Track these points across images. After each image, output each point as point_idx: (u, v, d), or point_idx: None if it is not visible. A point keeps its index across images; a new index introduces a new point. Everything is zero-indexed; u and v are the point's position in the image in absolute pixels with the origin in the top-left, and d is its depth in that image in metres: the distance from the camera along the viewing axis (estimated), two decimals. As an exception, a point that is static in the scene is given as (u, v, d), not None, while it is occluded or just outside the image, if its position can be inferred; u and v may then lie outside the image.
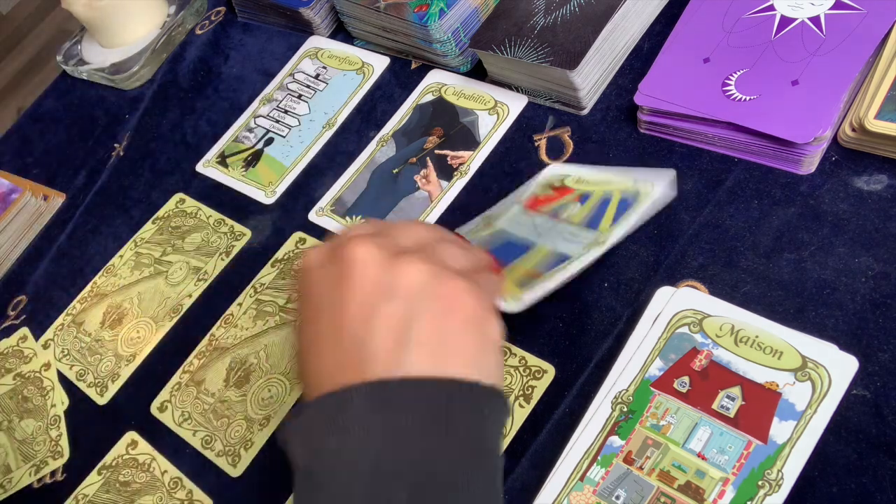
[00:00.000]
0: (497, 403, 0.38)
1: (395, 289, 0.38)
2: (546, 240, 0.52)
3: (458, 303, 0.38)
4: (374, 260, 0.38)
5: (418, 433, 0.36)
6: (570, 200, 0.55)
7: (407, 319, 0.37)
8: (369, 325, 0.37)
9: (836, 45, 0.54)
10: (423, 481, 0.35)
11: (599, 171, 0.57)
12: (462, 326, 0.38)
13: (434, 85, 0.71)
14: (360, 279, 0.38)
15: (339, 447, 0.36)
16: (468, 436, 0.37)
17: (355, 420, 0.36)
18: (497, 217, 0.57)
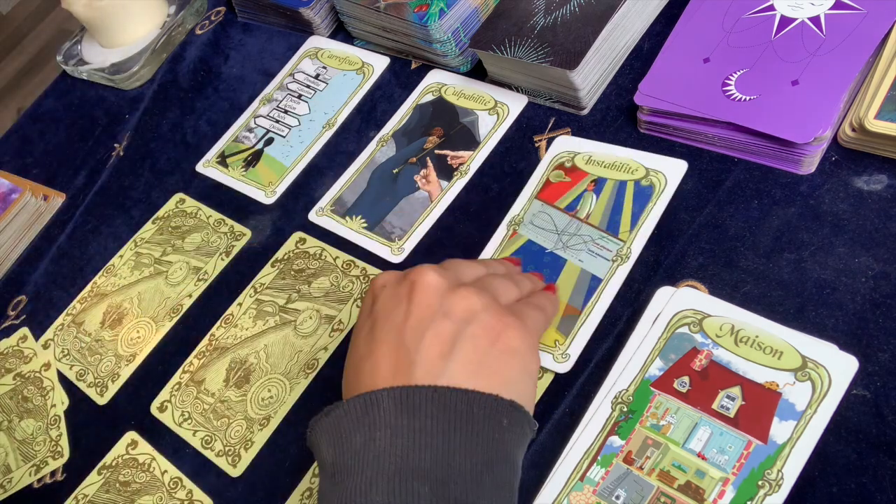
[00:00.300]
0: (517, 417, 0.42)
1: (450, 313, 0.43)
2: (573, 254, 0.56)
3: (502, 335, 0.43)
4: (436, 286, 0.44)
5: (441, 434, 0.39)
6: (585, 189, 0.57)
7: (454, 338, 0.42)
8: (422, 337, 0.42)
9: (835, 45, 0.54)
10: (444, 477, 0.38)
11: (609, 148, 0.59)
12: (501, 354, 0.43)
13: (434, 85, 0.71)
14: (422, 300, 0.44)
15: (366, 444, 0.40)
16: (488, 440, 0.40)
17: (383, 420, 0.40)
18: (519, 221, 0.59)
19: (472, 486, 0.39)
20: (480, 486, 0.39)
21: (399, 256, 0.63)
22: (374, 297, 0.46)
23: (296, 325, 0.63)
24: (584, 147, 0.61)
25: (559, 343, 0.53)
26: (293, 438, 0.58)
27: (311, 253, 0.66)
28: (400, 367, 0.42)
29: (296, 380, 0.60)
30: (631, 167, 0.58)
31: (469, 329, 0.43)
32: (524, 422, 0.42)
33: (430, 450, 0.39)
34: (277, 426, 0.59)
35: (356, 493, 0.38)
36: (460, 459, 0.39)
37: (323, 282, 0.64)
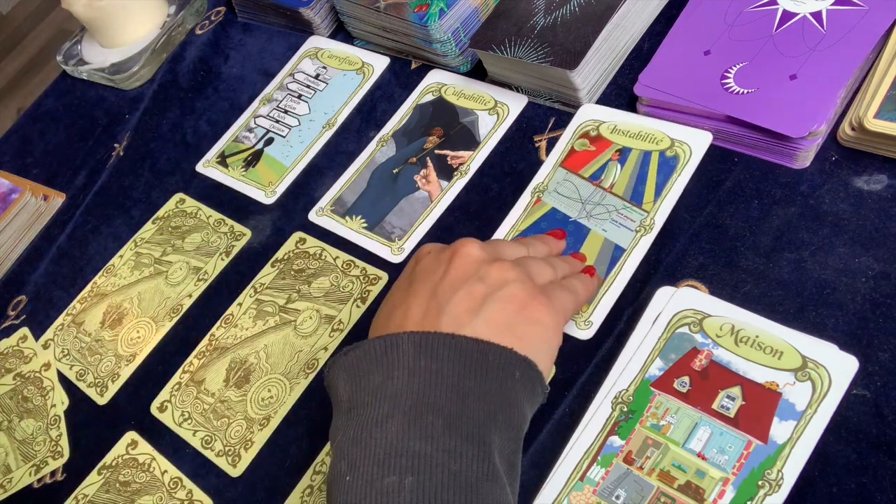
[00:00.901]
0: (530, 373, 0.44)
1: (485, 278, 0.46)
2: (597, 223, 0.57)
3: (529, 306, 0.46)
4: (476, 256, 0.47)
5: (456, 377, 0.42)
6: (609, 158, 0.58)
7: (484, 299, 0.45)
8: (454, 294, 0.45)
9: (835, 41, 0.54)
10: (457, 413, 0.41)
11: (634, 118, 0.60)
12: (526, 322, 0.45)
13: (434, 85, 0.71)
14: (462, 264, 0.47)
15: (384, 381, 0.42)
16: (500, 387, 0.43)
17: (401, 361, 0.42)
18: (543, 189, 0.59)
19: (484, 423, 0.41)
20: (491, 424, 0.41)
21: (399, 256, 0.63)
22: (417, 260, 0.50)
23: (296, 325, 0.63)
24: (610, 116, 0.61)
25: (582, 310, 0.54)
26: (293, 438, 0.58)
27: (311, 253, 0.66)
28: (429, 315, 0.45)
29: (296, 380, 0.60)
30: (656, 137, 0.58)
31: (499, 293, 0.45)
32: (536, 380, 0.44)
33: (445, 390, 0.41)
34: (277, 426, 0.59)
35: (373, 424, 0.41)
36: (473, 400, 0.42)
37: (323, 282, 0.64)
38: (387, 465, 0.39)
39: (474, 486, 0.39)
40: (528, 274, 0.47)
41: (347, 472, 0.40)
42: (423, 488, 0.38)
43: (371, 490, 0.39)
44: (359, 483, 0.39)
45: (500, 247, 0.50)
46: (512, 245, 0.51)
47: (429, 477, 0.39)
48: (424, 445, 0.40)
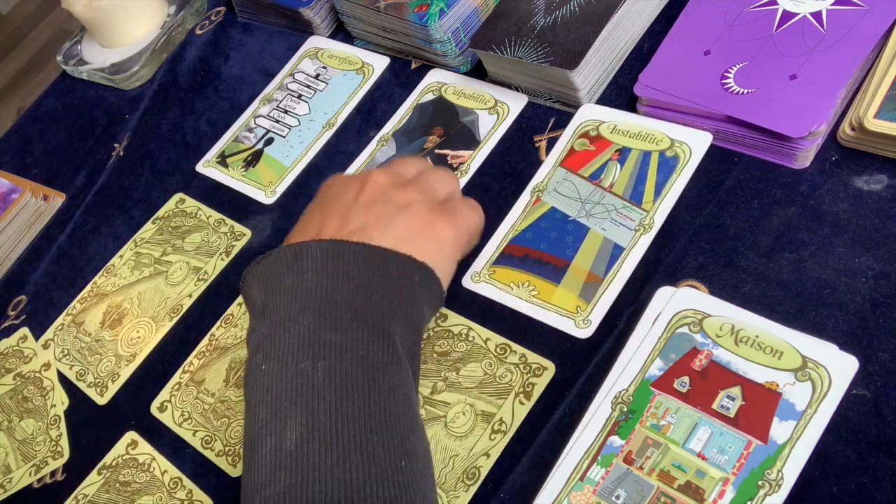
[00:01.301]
0: (428, 277, 0.49)
1: (392, 200, 0.51)
2: (596, 223, 0.57)
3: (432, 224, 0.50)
4: (384, 182, 0.52)
5: (363, 280, 0.46)
6: (609, 158, 0.58)
7: (392, 217, 0.50)
8: (366, 213, 0.50)
9: (835, 41, 0.54)
10: (363, 307, 0.45)
11: (634, 118, 0.60)
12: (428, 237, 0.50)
13: (434, 84, 0.71)
14: (371, 189, 0.52)
15: (295, 284, 0.46)
16: (401, 287, 0.48)
17: (310, 265, 0.46)
18: (543, 188, 0.59)
19: (388, 316, 0.46)
20: (394, 317, 0.46)
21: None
22: (328, 186, 0.54)
23: (296, 325, 0.63)
24: (610, 116, 0.61)
25: (581, 309, 0.54)
26: (293, 438, 0.58)
27: (311, 253, 0.66)
28: (342, 230, 0.49)
29: None
30: (656, 138, 0.58)
31: (405, 212, 0.50)
32: (433, 283, 0.50)
33: (352, 289, 0.46)
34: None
35: (287, 320, 0.45)
36: (377, 297, 0.46)
37: (323, 282, 0.64)
38: (300, 353, 0.43)
39: (380, 368, 0.44)
40: (431, 191, 0.52)
41: (263, 362, 0.45)
42: (334, 370, 0.43)
43: (286, 374, 0.43)
44: (274, 370, 0.44)
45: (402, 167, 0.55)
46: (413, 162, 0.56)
47: (339, 361, 0.43)
48: (335, 335, 0.44)
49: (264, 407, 0.43)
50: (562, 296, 0.55)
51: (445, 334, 0.57)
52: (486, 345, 0.55)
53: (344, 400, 0.42)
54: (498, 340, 0.55)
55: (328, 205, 0.52)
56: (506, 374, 0.54)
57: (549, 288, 0.56)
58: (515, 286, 0.57)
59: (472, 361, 0.55)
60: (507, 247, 0.59)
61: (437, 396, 0.54)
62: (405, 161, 0.56)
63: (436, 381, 0.55)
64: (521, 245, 0.58)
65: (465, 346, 0.56)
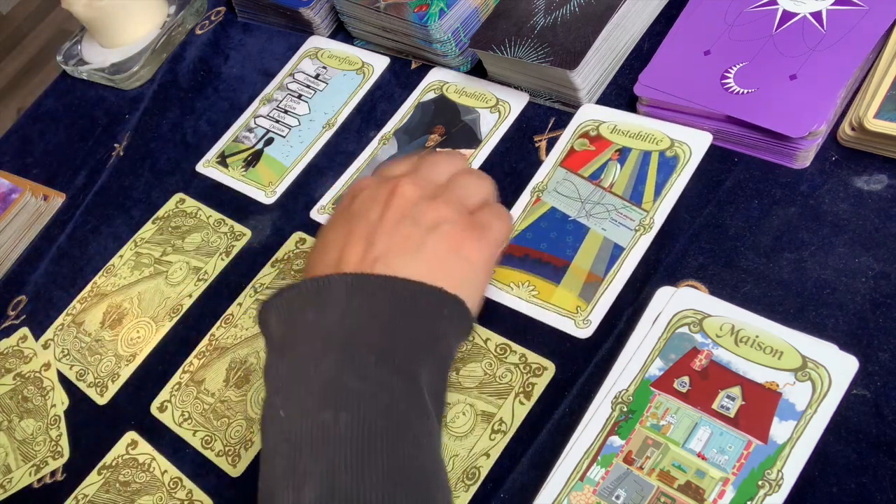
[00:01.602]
0: (458, 310, 0.46)
1: (420, 219, 0.47)
2: (596, 223, 0.57)
3: (462, 246, 0.47)
4: (412, 195, 0.48)
5: (387, 315, 0.44)
6: (609, 158, 0.58)
7: (420, 242, 0.46)
8: (392, 236, 0.47)
9: (835, 41, 0.54)
10: (388, 348, 0.43)
11: (634, 118, 0.60)
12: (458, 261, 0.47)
13: (436, 83, 0.71)
14: (399, 205, 0.48)
15: (317, 320, 0.44)
16: (429, 324, 0.45)
17: (334, 300, 0.44)
18: (543, 188, 0.59)
19: (414, 357, 0.43)
20: (420, 359, 0.44)
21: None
22: (353, 196, 0.50)
23: (296, 325, 0.63)
24: (610, 116, 0.61)
25: (581, 309, 0.54)
26: (293, 438, 0.58)
27: (311, 253, 0.66)
28: (366, 258, 0.46)
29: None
30: (656, 138, 0.58)
31: (433, 235, 0.47)
32: (464, 316, 0.47)
33: (378, 327, 0.43)
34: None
35: (308, 361, 0.42)
36: (403, 337, 0.44)
37: (323, 282, 0.64)
38: (322, 400, 0.41)
39: (405, 417, 0.42)
40: (462, 202, 0.49)
41: (282, 406, 0.42)
42: (357, 422, 0.40)
43: (306, 423, 0.41)
44: (294, 417, 0.41)
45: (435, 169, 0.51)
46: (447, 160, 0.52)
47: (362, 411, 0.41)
48: (357, 380, 0.41)
49: (282, 459, 0.41)
50: (562, 296, 0.55)
51: (445, 334, 0.57)
52: (486, 345, 0.55)
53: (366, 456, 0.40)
54: (498, 340, 0.55)
55: (352, 221, 0.48)
56: (506, 374, 0.54)
57: (549, 288, 0.56)
58: (515, 286, 0.57)
59: (472, 361, 0.55)
60: (507, 247, 0.59)
61: (437, 396, 0.54)
62: (438, 161, 0.52)
63: (436, 381, 0.55)
64: (521, 245, 0.58)
65: (466, 346, 0.56)
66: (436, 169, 0.51)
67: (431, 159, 0.52)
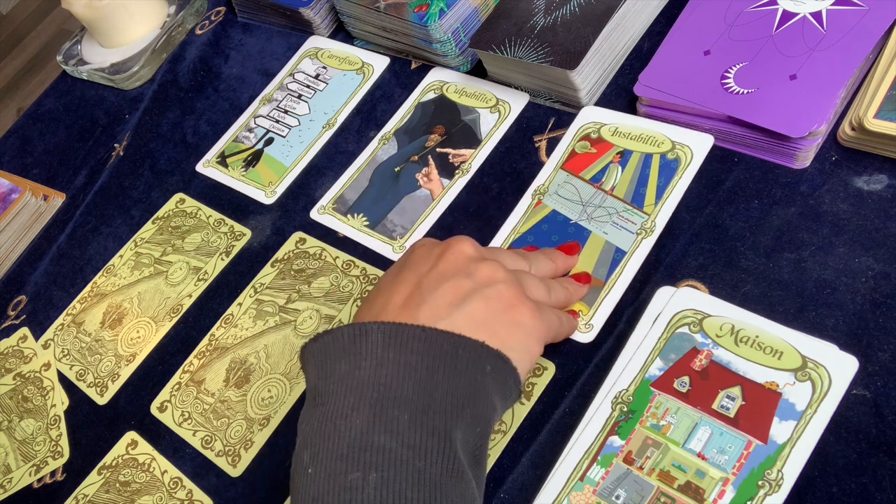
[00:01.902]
0: (502, 367, 0.43)
1: (473, 275, 0.45)
2: (597, 226, 0.57)
3: (514, 308, 0.45)
4: (468, 253, 0.47)
5: (425, 370, 0.41)
6: (610, 160, 0.58)
7: (468, 295, 0.44)
8: (440, 286, 0.45)
9: (835, 41, 0.54)
10: (424, 407, 0.40)
11: (636, 120, 0.60)
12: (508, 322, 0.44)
13: (436, 83, 0.71)
14: (452, 259, 0.46)
15: (351, 371, 0.42)
16: (469, 381, 0.42)
17: (370, 351, 0.42)
18: (544, 191, 0.59)
19: (450, 417, 0.41)
20: (458, 418, 0.41)
21: (401, 255, 0.63)
22: (411, 251, 0.49)
23: (296, 325, 0.63)
24: (611, 118, 0.61)
25: (582, 314, 0.54)
26: (293, 438, 0.58)
27: (311, 253, 0.66)
28: (409, 304, 0.44)
29: (296, 380, 0.60)
30: (657, 140, 0.58)
31: (485, 291, 0.45)
32: (508, 374, 0.44)
33: (413, 382, 0.41)
34: (277, 426, 0.59)
35: (338, 416, 0.41)
36: (441, 393, 0.41)
37: (323, 282, 0.64)
38: (350, 460, 0.39)
39: (438, 483, 0.39)
40: (518, 281, 0.47)
41: (310, 463, 0.40)
42: (386, 485, 0.38)
43: (334, 484, 0.39)
44: (321, 476, 0.39)
45: (497, 253, 0.49)
46: (510, 256, 0.50)
47: (393, 474, 0.39)
48: (389, 440, 0.39)
49: None
50: None
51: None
52: (486, 345, 0.55)
53: None
54: (498, 340, 0.55)
55: (405, 271, 0.47)
56: (506, 374, 0.54)
57: None
58: None
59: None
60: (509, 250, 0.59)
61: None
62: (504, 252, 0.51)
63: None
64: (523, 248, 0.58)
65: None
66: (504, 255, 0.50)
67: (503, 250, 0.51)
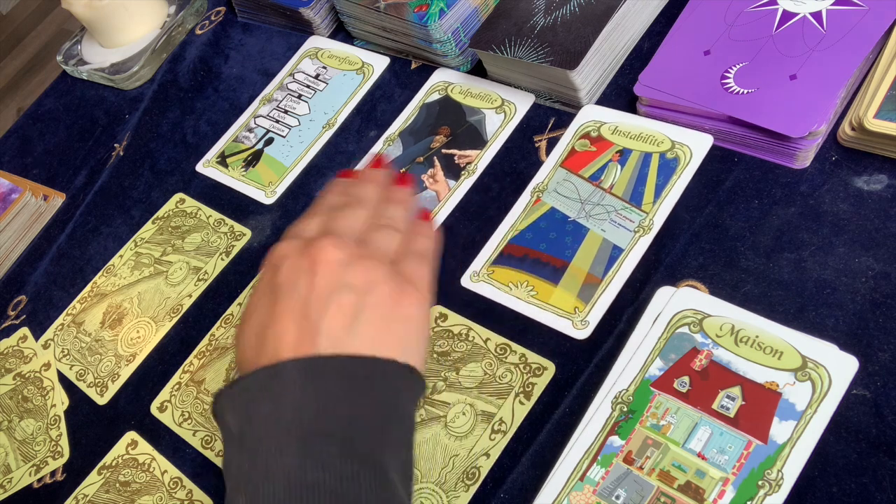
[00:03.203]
0: (412, 379, 0.45)
1: (352, 285, 0.45)
2: (595, 223, 0.57)
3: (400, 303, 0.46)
4: (337, 259, 0.46)
5: (346, 399, 0.42)
6: (610, 159, 0.58)
7: (357, 310, 0.44)
8: (326, 309, 0.44)
9: (835, 41, 0.54)
10: (350, 436, 0.41)
11: (635, 119, 0.60)
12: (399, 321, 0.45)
13: (440, 84, 0.71)
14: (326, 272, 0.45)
15: (273, 411, 0.42)
16: (387, 401, 0.43)
17: (288, 388, 0.42)
18: (543, 188, 0.59)
19: (377, 441, 0.42)
20: (384, 441, 0.42)
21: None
22: (276, 266, 0.47)
23: (296, 325, 0.63)
24: (611, 117, 0.61)
25: (579, 310, 0.54)
26: (293, 438, 0.58)
27: (311, 253, 0.66)
28: (304, 337, 0.43)
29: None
30: (657, 139, 0.58)
31: (370, 299, 0.45)
32: (416, 381, 0.45)
33: (336, 414, 0.41)
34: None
35: (269, 457, 0.40)
36: (364, 420, 0.42)
37: (323, 282, 0.64)
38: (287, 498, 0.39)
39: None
40: (384, 260, 0.47)
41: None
42: None
43: None
44: None
45: (346, 226, 0.48)
46: (353, 216, 0.49)
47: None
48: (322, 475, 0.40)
49: None
50: (560, 296, 0.55)
51: (445, 334, 0.57)
52: (486, 345, 0.55)
53: None
54: (498, 340, 0.55)
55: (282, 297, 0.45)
56: (506, 373, 0.54)
57: (547, 288, 0.56)
58: (514, 286, 0.57)
59: (471, 361, 0.55)
60: (507, 247, 0.59)
61: (436, 396, 0.54)
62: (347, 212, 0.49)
63: (436, 381, 0.55)
64: (521, 245, 0.58)
65: (465, 346, 0.56)
66: (347, 220, 0.49)
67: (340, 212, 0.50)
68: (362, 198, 0.51)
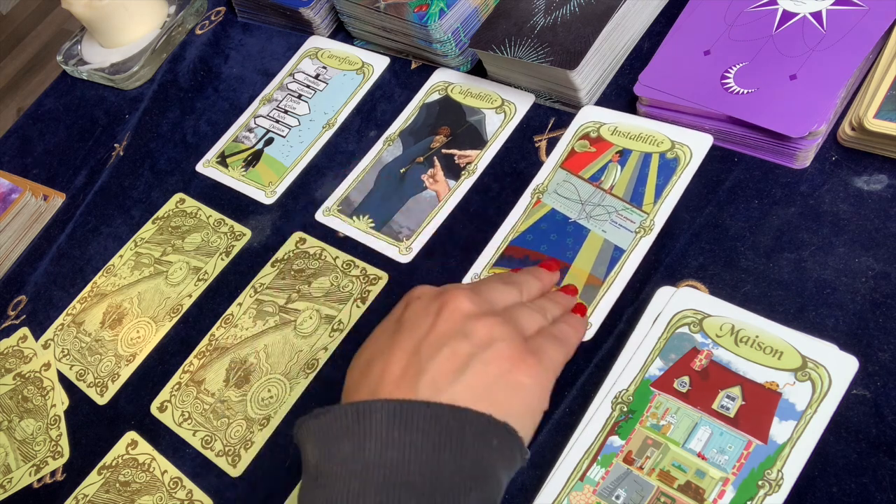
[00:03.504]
0: (508, 440, 0.42)
1: (470, 335, 0.44)
2: (596, 224, 0.56)
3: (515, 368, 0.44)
4: (466, 310, 0.45)
5: (431, 450, 0.40)
6: (609, 159, 0.58)
7: (468, 360, 0.43)
8: (438, 352, 0.43)
9: (835, 41, 0.54)
10: (431, 491, 0.39)
11: (635, 119, 0.60)
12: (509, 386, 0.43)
13: (440, 84, 0.71)
14: (449, 318, 0.45)
15: (354, 453, 0.40)
16: (476, 459, 0.41)
17: (374, 432, 0.40)
18: (543, 190, 0.59)
19: (458, 498, 0.40)
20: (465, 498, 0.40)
21: (407, 256, 0.63)
22: (407, 304, 0.48)
23: (296, 325, 0.63)
24: (611, 118, 0.61)
25: None
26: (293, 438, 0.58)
27: (311, 253, 0.66)
28: (408, 373, 0.43)
29: (296, 380, 0.60)
30: (657, 139, 0.58)
31: (484, 354, 0.43)
32: (515, 446, 0.43)
33: (419, 464, 0.40)
34: (277, 426, 0.59)
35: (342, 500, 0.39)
36: (448, 475, 0.40)
37: (323, 282, 0.64)
38: None
39: None
40: (516, 327, 0.46)
41: None
42: None
43: None
44: None
45: (491, 294, 0.48)
46: (503, 290, 0.49)
47: None
48: None
49: None
50: None
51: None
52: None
53: None
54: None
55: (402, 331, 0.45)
56: (506, 374, 0.54)
57: None
58: None
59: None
60: (508, 248, 0.59)
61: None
62: (496, 287, 0.49)
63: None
64: (522, 247, 0.58)
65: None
66: (495, 292, 0.48)
67: (495, 281, 0.50)
68: (520, 282, 0.51)
